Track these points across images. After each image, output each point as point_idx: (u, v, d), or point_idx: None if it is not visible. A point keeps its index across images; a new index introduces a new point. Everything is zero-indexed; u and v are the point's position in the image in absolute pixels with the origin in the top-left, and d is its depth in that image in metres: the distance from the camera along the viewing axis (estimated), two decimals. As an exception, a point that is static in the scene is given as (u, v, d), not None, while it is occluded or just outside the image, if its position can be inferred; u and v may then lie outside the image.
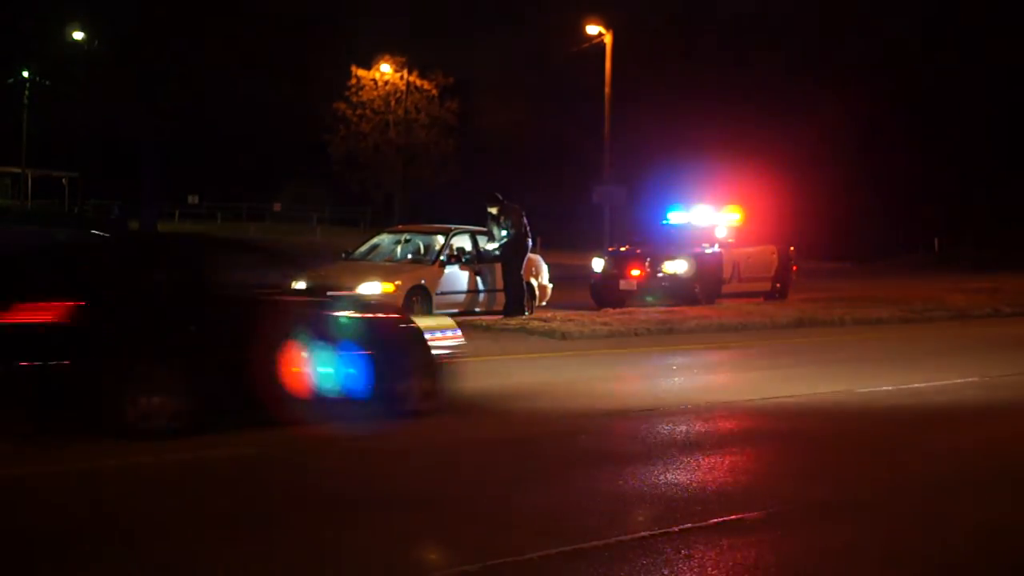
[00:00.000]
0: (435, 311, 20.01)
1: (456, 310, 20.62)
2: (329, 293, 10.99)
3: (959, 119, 68.48)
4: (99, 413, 9.52)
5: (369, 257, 21.59)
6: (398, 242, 22.03)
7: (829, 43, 73.69)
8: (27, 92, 61.98)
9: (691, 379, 14.93)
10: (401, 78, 66.73)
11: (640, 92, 65.23)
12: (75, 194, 73.73)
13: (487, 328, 19.19)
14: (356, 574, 6.54)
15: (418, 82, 66.93)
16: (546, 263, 23.04)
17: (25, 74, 61.16)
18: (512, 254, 21.01)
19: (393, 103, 66.84)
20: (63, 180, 75.78)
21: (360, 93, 66.18)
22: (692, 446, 10.09)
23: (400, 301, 19.42)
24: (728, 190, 29.71)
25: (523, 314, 20.74)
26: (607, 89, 45.99)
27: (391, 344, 11.18)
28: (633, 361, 16.60)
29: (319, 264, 22.36)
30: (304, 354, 10.35)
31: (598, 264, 25.78)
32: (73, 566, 6.49)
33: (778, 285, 27.10)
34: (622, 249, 26.33)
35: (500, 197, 21.27)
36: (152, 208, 57.46)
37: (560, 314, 21.07)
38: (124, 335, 9.74)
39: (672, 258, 24.73)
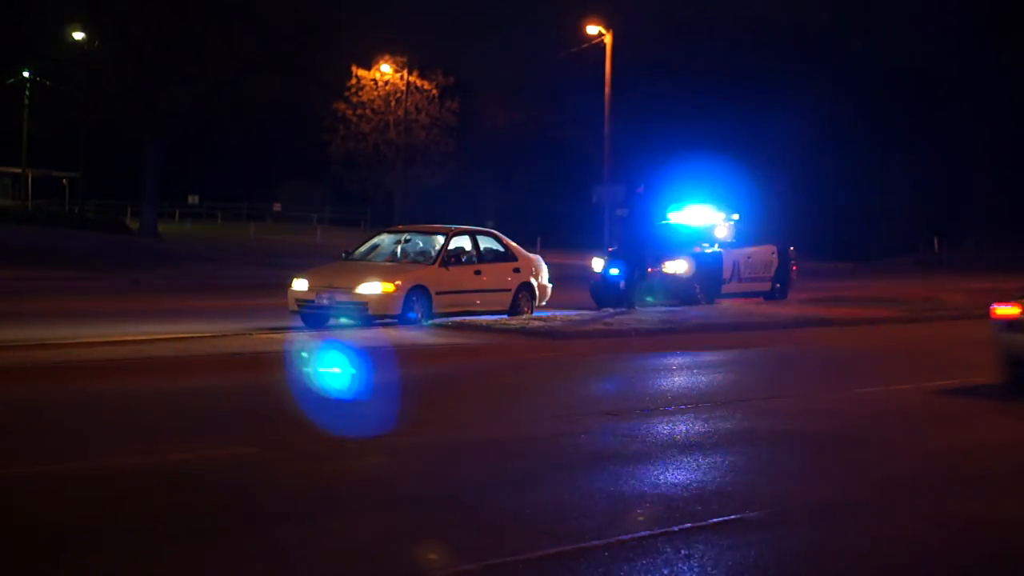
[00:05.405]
0: (435, 311, 20.02)
1: (456, 310, 20.63)
2: None
3: (960, 118, 68.48)
4: None
5: (369, 257, 21.57)
6: (398, 242, 22.00)
7: (829, 40, 73.70)
8: (27, 92, 61.94)
9: (691, 379, 14.92)
10: (401, 78, 66.72)
11: (640, 91, 65.19)
12: (75, 194, 73.73)
13: (487, 328, 19.18)
14: (355, 573, 6.53)
15: (418, 82, 66.90)
16: (546, 263, 23.01)
17: (25, 74, 61.11)
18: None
19: (393, 103, 66.81)
20: (63, 180, 75.82)
21: (360, 93, 66.16)
22: (692, 446, 10.08)
23: (400, 301, 19.42)
24: (728, 189, 29.68)
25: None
26: (607, 89, 45.99)
27: None
28: (633, 361, 16.58)
29: (319, 264, 22.45)
30: None
31: (598, 264, 25.76)
32: (76, 565, 6.48)
33: (778, 285, 27.10)
34: (622, 249, 26.29)
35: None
36: (152, 208, 57.47)
37: (560, 314, 21.07)
38: None
39: (672, 258, 24.73)
